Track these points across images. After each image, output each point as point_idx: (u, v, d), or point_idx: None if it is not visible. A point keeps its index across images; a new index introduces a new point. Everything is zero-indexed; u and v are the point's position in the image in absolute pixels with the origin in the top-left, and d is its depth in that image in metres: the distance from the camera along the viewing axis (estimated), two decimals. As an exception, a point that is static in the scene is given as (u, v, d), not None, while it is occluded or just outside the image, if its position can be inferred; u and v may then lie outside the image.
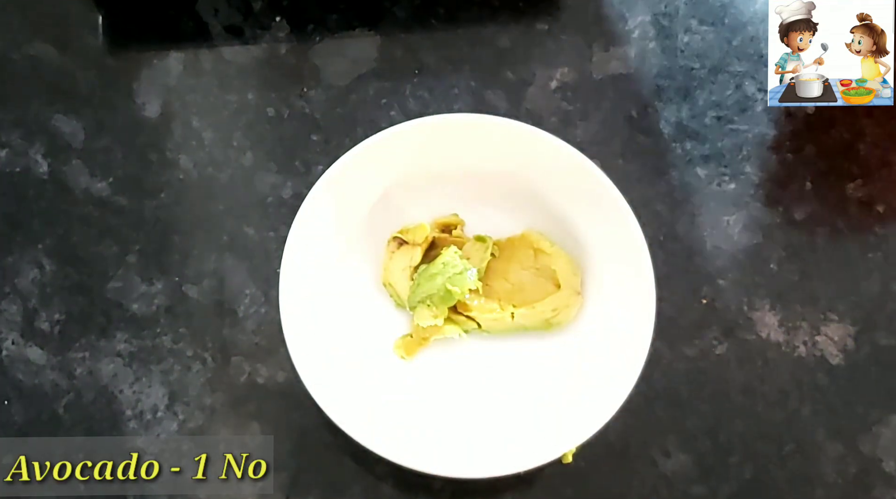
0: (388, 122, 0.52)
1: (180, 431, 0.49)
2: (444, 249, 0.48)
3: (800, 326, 0.48)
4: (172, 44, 0.54)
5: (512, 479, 0.44)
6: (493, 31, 0.53)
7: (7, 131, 0.53)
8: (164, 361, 0.50)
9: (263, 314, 0.50)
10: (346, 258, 0.49)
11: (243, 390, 0.49)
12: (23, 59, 0.54)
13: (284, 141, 0.52)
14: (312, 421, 0.48)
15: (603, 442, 0.45)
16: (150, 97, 0.53)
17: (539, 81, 0.52)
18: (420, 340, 0.48)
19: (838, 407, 0.47)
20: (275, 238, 0.51)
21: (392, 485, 0.47)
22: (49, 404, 0.49)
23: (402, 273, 0.48)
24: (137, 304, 0.50)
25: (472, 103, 0.52)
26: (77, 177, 0.52)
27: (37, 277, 0.51)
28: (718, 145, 0.51)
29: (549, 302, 0.47)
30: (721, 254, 0.49)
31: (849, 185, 0.50)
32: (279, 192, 0.51)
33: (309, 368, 0.45)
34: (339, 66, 0.53)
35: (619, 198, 0.45)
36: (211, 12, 0.54)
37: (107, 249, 0.51)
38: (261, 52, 0.54)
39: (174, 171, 0.52)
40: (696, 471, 0.47)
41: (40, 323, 0.50)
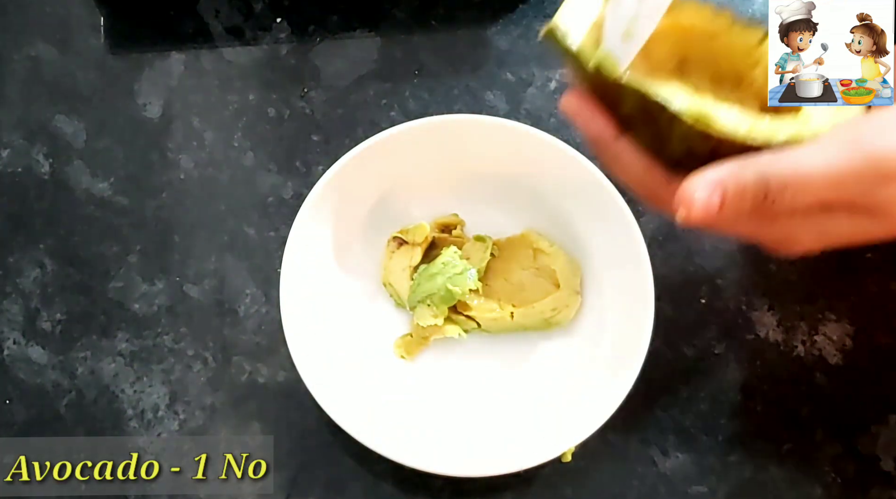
0: (388, 122, 0.52)
1: (181, 430, 0.49)
2: (444, 249, 0.48)
3: (798, 326, 0.48)
4: (173, 44, 0.54)
5: (511, 478, 0.44)
6: (493, 32, 0.53)
7: (8, 132, 0.53)
8: (165, 360, 0.50)
9: (264, 314, 0.50)
10: (347, 258, 0.49)
11: (244, 390, 0.49)
12: (24, 60, 0.54)
13: (285, 141, 0.52)
14: (312, 421, 0.48)
15: (602, 441, 0.45)
16: (152, 98, 0.53)
17: (538, 82, 0.52)
18: (420, 339, 0.49)
19: (837, 406, 0.47)
20: (275, 238, 0.51)
21: (392, 484, 0.47)
22: (50, 403, 0.49)
23: (402, 273, 0.49)
24: (138, 303, 0.51)
25: (472, 104, 0.52)
26: (78, 177, 0.52)
27: (38, 276, 0.51)
28: (718, 146, 0.51)
29: (548, 302, 0.47)
30: (720, 254, 0.50)
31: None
32: (279, 192, 0.52)
33: (309, 367, 0.45)
34: (339, 66, 0.53)
35: (619, 198, 0.45)
36: (212, 13, 0.54)
37: (108, 248, 0.51)
38: (261, 52, 0.54)
39: (175, 171, 0.52)
40: (696, 471, 0.47)
41: (42, 323, 0.51)
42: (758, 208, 0.27)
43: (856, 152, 0.27)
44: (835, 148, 0.27)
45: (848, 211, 0.28)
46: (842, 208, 0.28)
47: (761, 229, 0.30)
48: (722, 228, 0.29)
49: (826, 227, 0.29)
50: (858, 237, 0.29)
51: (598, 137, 0.31)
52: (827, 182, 0.27)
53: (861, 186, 0.27)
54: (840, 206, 0.28)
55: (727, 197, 0.27)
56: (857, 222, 0.28)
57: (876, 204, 0.28)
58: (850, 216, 0.28)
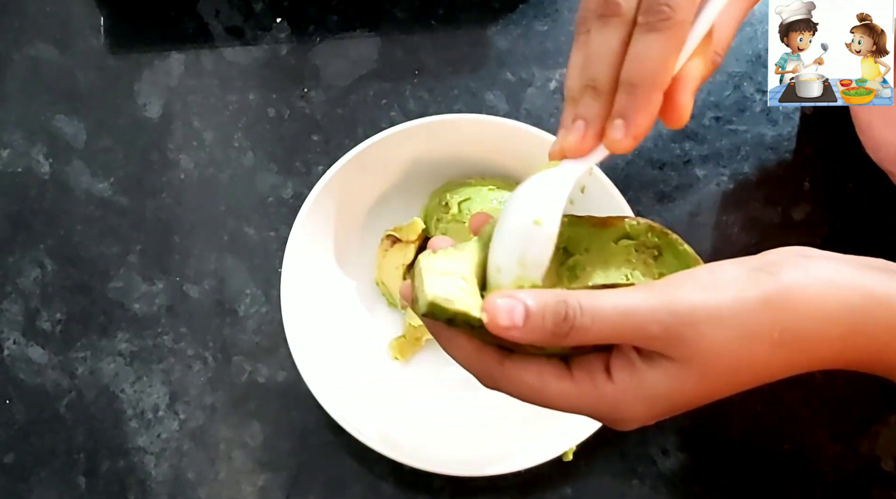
0: (388, 122, 0.52)
1: (181, 430, 0.49)
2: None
3: (799, 326, 0.48)
4: (173, 45, 0.54)
5: (511, 478, 0.44)
6: (493, 32, 0.53)
7: (9, 132, 0.53)
8: (165, 360, 0.50)
9: (264, 314, 0.50)
10: (347, 258, 0.49)
11: (244, 390, 0.49)
12: (24, 60, 0.54)
13: (285, 141, 0.52)
14: (312, 420, 0.48)
15: (602, 441, 0.45)
16: (152, 98, 0.53)
17: (538, 82, 0.52)
18: (413, 340, 0.48)
19: (837, 406, 0.47)
20: (275, 238, 0.51)
21: (392, 484, 0.47)
22: (50, 403, 0.49)
23: (396, 271, 0.48)
24: (138, 303, 0.51)
25: (472, 104, 0.52)
26: (78, 177, 0.52)
27: (38, 276, 0.51)
28: (717, 146, 0.51)
29: None
30: (720, 254, 0.50)
31: (847, 185, 0.50)
32: (279, 192, 0.52)
33: (310, 367, 0.45)
34: (339, 66, 0.53)
35: (619, 198, 0.45)
36: (212, 13, 0.54)
37: (108, 248, 0.51)
38: (261, 52, 0.54)
39: (175, 171, 0.52)
40: (696, 471, 0.47)
41: (42, 323, 0.51)
42: (559, 330, 0.28)
43: (652, 293, 0.28)
44: (634, 290, 0.28)
45: (659, 359, 0.28)
46: (649, 353, 0.28)
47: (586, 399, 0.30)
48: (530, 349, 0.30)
49: (645, 384, 0.29)
50: (683, 397, 0.29)
51: (430, 325, 0.31)
52: (622, 311, 0.28)
53: (658, 324, 0.27)
54: (644, 344, 0.28)
55: (528, 310, 0.28)
56: (673, 374, 0.28)
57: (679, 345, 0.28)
58: (665, 366, 0.28)
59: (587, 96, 0.31)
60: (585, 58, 0.31)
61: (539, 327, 0.28)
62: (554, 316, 0.28)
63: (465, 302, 0.29)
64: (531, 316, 0.28)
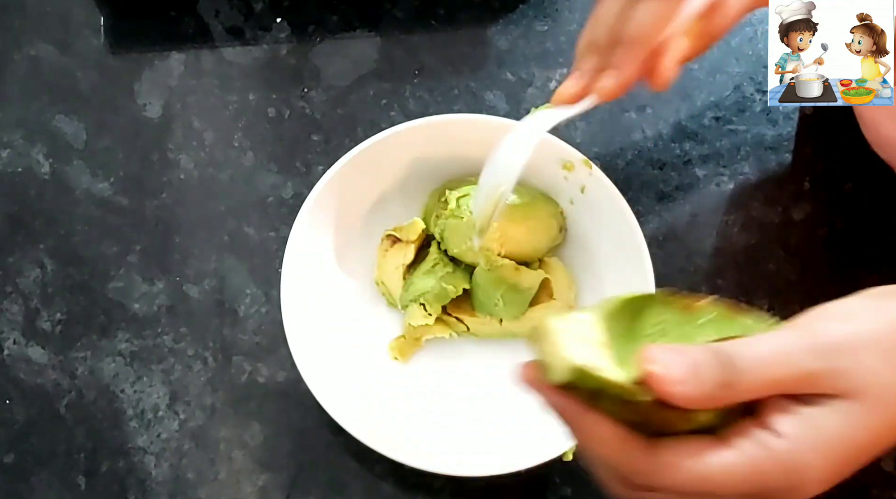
0: (388, 122, 0.52)
1: (181, 430, 0.49)
2: (436, 247, 0.48)
3: (799, 326, 0.48)
4: (174, 45, 0.54)
5: (511, 478, 0.44)
6: (493, 32, 0.53)
7: (9, 132, 0.53)
8: (165, 360, 0.50)
9: (264, 314, 0.50)
10: (347, 258, 0.49)
11: (244, 390, 0.49)
12: (24, 60, 0.54)
13: (285, 141, 0.52)
14: (312, 421, 0.48)
15: (602, 441, 0.45)
16: (152, 98, 0.53)
17: (538, 82, 0.52)
18: (413, 341, 0.48)
19: (837, 407, 0.47)
20: (275, 238, 0.51)
21: (392, 484, 0.47)
22: (50, 403, 0.49)
23: (395, 271, 0.48)
24: (138, 303, 0.51)
25: (472, 104, 0.52)
26: (78, 177, 0.52)
27: (38, 276, 0.51)
28: (717, 146, 0.51)
29: (539, 311, 0.47)
30: (720, 254, 0.50)
31: (847, 185, 0.50)
32: (279, 192, 0.52)
33: (310, 367, 0.45)
34: (339, 66, 0.53)
35: (619, 198, 0.45)
36: (212, 13, 0.54)
37: (108, 248, 0.51)
38: (261, 52, 0.54)
39: (175, 171, 0.52)
40: (696, 470, 0.47)
41: (42, 323, 0.51)
42: (725, 379, 0.26)
43: (798, 331, 0.27)
44: (777, 333, 0.27)
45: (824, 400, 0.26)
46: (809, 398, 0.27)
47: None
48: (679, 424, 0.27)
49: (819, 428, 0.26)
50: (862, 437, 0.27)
51: (565, 408, 0.27)
52: (780, 350, 0.26)
53: (819, 359, 0.26)
54: (805, 386, 0.26)
55: (695, 359, 0.25)
56: (844, 411, 0.26)
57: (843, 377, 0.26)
58: (833, 405, 0.26)
59: (589, 53, 0.37)
60: (593, 22, 0.37)
61: (709, 379, 0.25)
62: (720, 365, 0.25)
63: (613, 371, 0.25)
64: (700, 365, 0.25)
